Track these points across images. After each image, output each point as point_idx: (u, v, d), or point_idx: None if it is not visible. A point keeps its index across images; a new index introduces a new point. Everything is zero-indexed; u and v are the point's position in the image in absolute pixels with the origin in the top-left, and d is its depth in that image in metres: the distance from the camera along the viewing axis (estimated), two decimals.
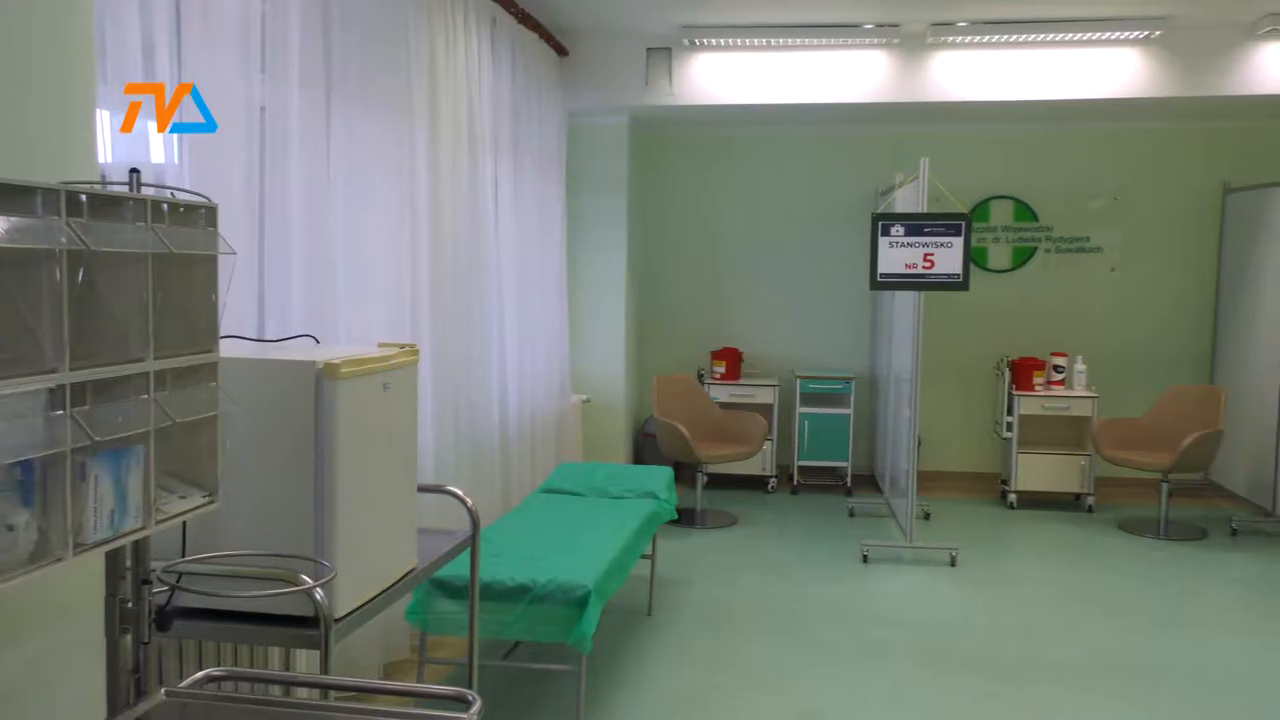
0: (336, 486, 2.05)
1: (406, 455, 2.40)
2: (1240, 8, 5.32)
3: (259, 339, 2.75)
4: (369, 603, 2.20)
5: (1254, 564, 5.43)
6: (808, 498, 6.85)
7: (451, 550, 2.64)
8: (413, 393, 2.43)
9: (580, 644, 3.26)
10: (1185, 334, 6.99)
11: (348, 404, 2.07)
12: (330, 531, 2.05)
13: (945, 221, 5.16)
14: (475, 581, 2.83)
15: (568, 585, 3.28)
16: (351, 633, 2.16)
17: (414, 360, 2.40)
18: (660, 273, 7.45)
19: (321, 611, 1.96)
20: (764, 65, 6.02)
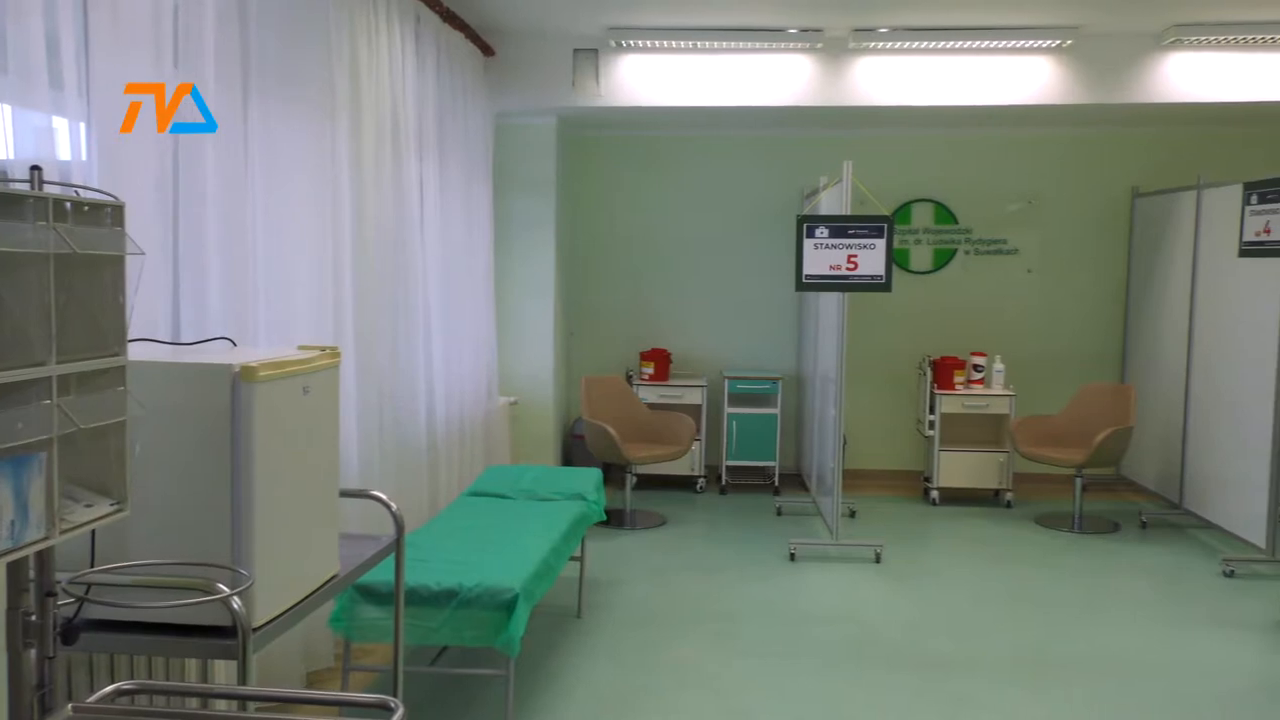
0: (254, 492, 2.00)
1: (328, 459, 2.36)
2: (1147, 19, 5.51)
3: (173, 342, 2.68)
4: (289, 611, 2.15)
5: (1163, 555, 5.63)
6: (736, 497, 6.91)
7: (375, 555, 2.60)
8: (334, 396, 2.39)
9: (508, 647, 3.23)
10: (1098, 334, 7.22)
11: (265, 408, 2.02)
12: (247, 539, 2.00)
13: (868, 224, 5.25)
14: (400, 586, 2.79)
15: (495, 589, 3.26)
16: (271, 642, 2.11)
17: (335, 363, 2.36)
18: (589, 274, 7.44)
19: (239, 620, 1.92)
20: (691, 68, 6.06)
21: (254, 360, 2.02)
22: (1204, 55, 5.89)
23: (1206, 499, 5.90)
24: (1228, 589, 5.03)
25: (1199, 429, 5.99)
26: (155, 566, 1.97)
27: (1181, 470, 6.19)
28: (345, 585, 2.46)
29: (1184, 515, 6.18)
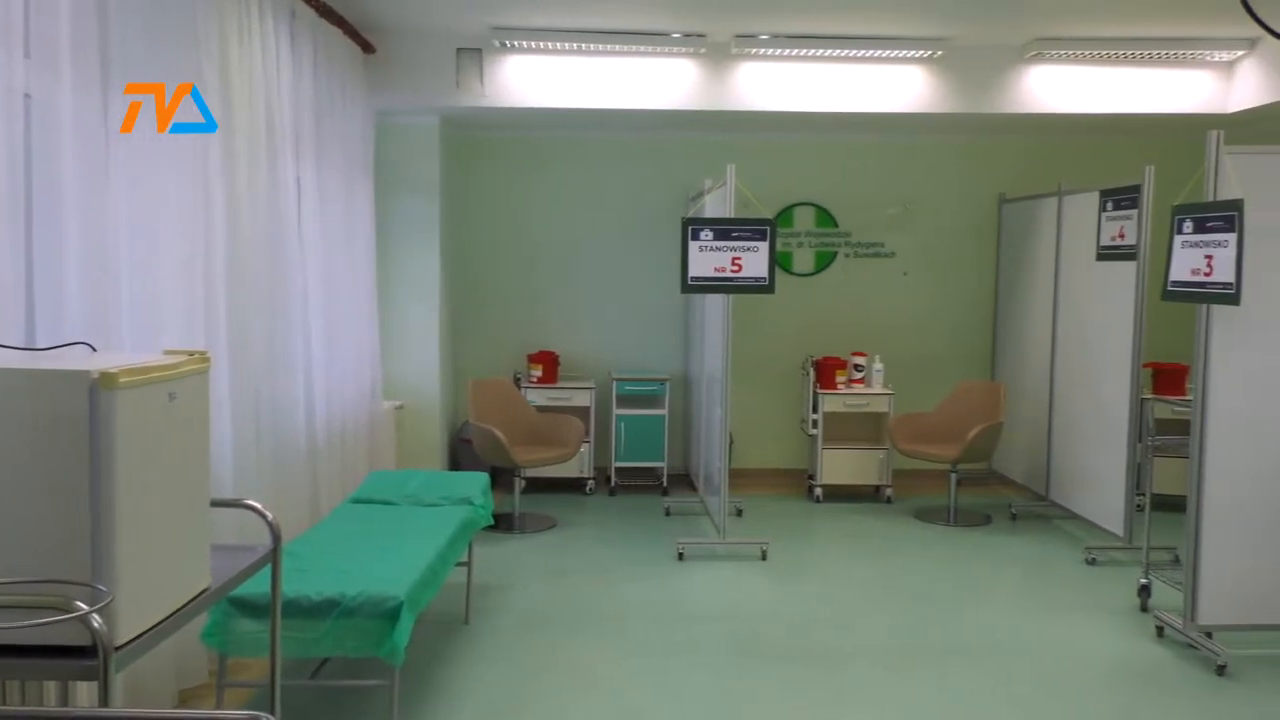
0: (115, 505, 1.91)
1: (197, 468, 2.27)
2: (1011, 32, 5.77)
3: (27, 347, 2.53)
4: (155, 627, 2.06)
5: (1031, 545, 5.89)
6: (625, 498, 6.94)
7: (250, 566, 2.52)
8: (204, 402, 2.30)
9: (393, 657, 3.17)
10: (970, 333, 7.51)
11: (127, 416, 1.93)
12: (108, 553, 1.91)
13: (751, 226, 5.34)
14: (277, 598, 2.71)
15: (378, 597, 3.19)
16: (136, 660, 2.02)
17: (204, 368, 2.27)
18: (476, 276, 7.36)
19: (99, 639, 1.82)
20: (576, 69, 6.06)
21: (114, 366, 1.92)
22: (1064, 68, 6.19)
23: (1070, 491, 6.20)
24: (1090, 576, 5.29)
25: (1063, 425, 6.29)
26: (8, 585, 1.87)
27: (1047, 464, 6.49)
28: (218, 598, 2.37)
29: (1050, 507, 6.48)
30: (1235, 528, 4.09)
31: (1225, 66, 6.20)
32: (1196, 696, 3.79)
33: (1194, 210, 4.03)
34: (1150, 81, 6.21)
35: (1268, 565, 4.11)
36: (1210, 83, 6.22)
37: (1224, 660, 3.98)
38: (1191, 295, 4.03)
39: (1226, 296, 3.83)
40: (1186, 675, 3.98)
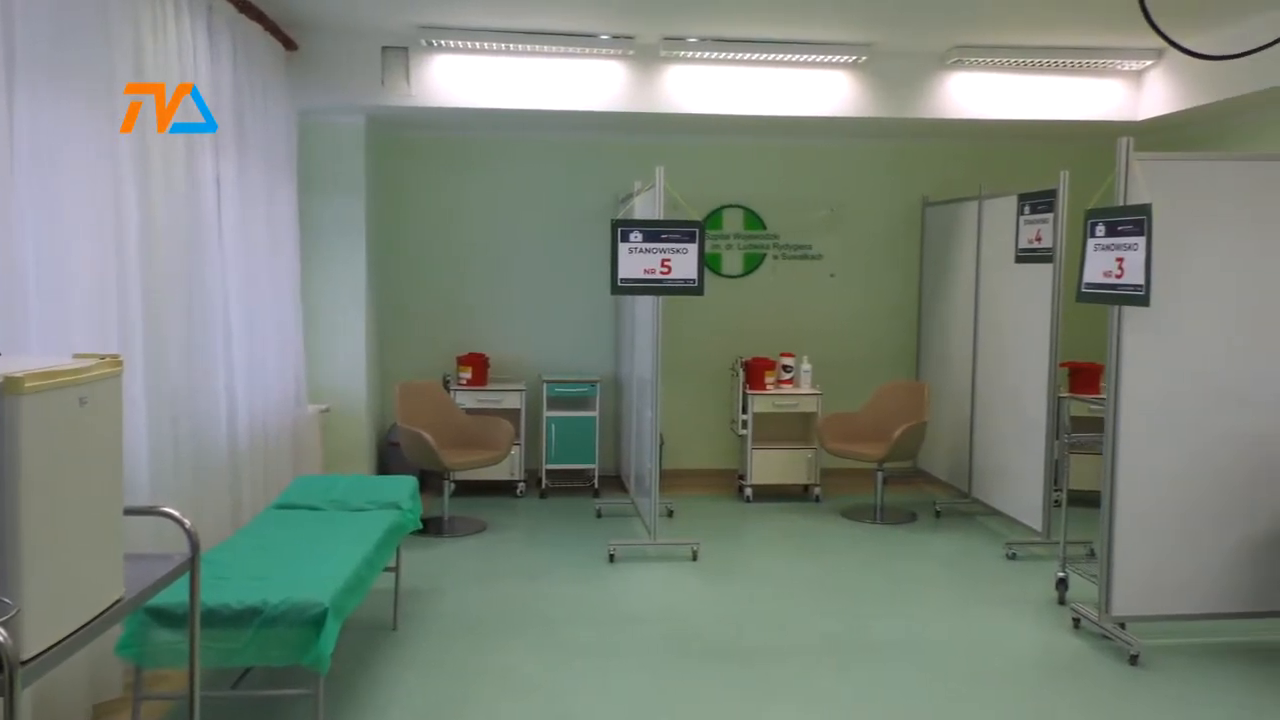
0: (20, 514, 1.84)
1: (109, 475, 2.20)
2: (932, 39, 5.90)
3: None
4: (65, 640, 1.99)
5: (954, 542, 6.02)
6: (556, 501, 6.91)
7: (167, 575, 2.45)
8: (116, 407, 2.23)
9: (317, 665, 3.12)
10: (895, 334, 7.65)
11: (34, 422, 1.87)
12: (14, 564, 1.84)
13: (681, 228, 5.37)
14: (195, 607, 2.64)
15: (302, 604, 3.13)
16: (46, 674, 1.95)
17: (117, 372, 2.21)
18: (404, 277, 7.27)
19: (4, 654, 1.76)
20: (504, 70, 6.02)
21: (19, 371, 1.86)
22: (983, 76, 6.35)
23: (991, 488, 6.35)
24: (1010, 570, 5.43)
25: (984, 423, 6.44)
26: None
27: (970, 462, 6.64)
28: (132, 609, 2.30)
29: (973, 504, 6.64)
30: (1146, 522, 4.24)
31: (1135, 76, 6.42)
32: (1110, 685, 3.91)
33: (1106, 214, 4.16)
34: (1065, 89, 6.40)
35: (1177, 558, 4.26)
36: (1121, 91, 6.43)
37: (1136, 650, 4.11)
38: (1104, 296, 4.16)
39: (1137, 298, 3.96)
40: (1101, 665, 4.11)
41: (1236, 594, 4.31)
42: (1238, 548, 4.28)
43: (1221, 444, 4.23)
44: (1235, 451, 4.24)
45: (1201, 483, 4.24)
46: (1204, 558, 4.28)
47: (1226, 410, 4.22)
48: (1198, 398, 4.21)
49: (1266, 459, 4.25)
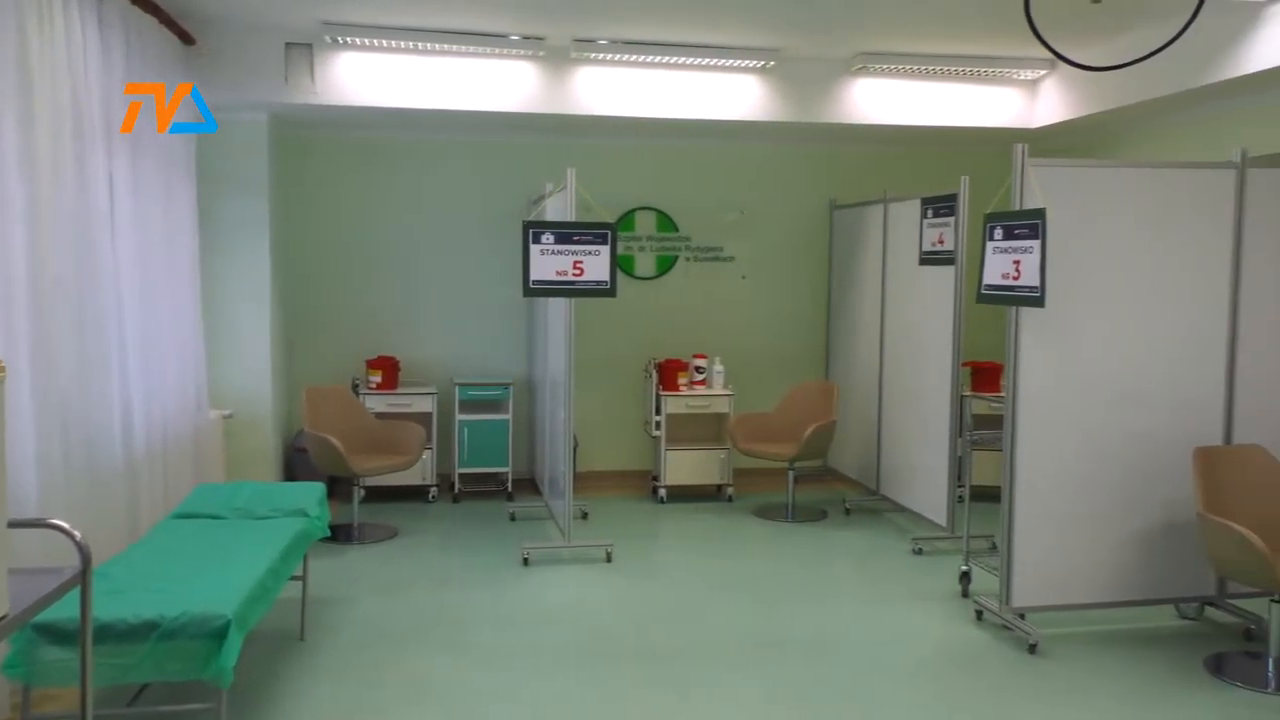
0: None
1: None
2: (837, 46, 6.01)
3: None
4: None
5: (863, 538, 6.15)
6: (470, 505, 6.84)
7: (56, 590, 2.34)
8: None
9: (219, 679, 3.02)
10: (805, 335, 7.77)
11: None
12: None
13: (592, 230, 5.36)
14: (87, 623, 2.53)
15: (203, 617, 3.04)
16: None
17: None
18: (311, 279, 7.11)
19: None
20: (412, 69, 5.94)
21: None
22: (887, 82, 6.50)
23: (898, 485, 6.50)
24: (917, 565, 5.57)
25: (891, 421, 6.59)
26: None
27: (877, 460, 6.79)
28: (18, 625, 2.19)
29: (881, 501, 6.78)
30: (1044, 516, 4.39)
31: (1030, 85, 6.64)
32: (1010, 674, 4.04)
33: (1003, 218, 4.30)
34: (965, 97, 6.60)
35: (1072, 550, 4.42)
36: (1018, 99, 6.66)
37: (1035, 640, 4.26)
38: (1002, 298, 4.30)
39: (1033, 299, 4.10)
40: (1002, 655, 4.24)
41: (1127, 583, 4.49)
42: (1128, 539, 4.46)
43: (1113, 439, 4.41)
44: (1126, 447, 4.42)
45: (1095, 477, 4.41)
46: (1097, 549, 4.45)
47: (1118, 407, 4.40)
48: (1091, 395, 4.38)
49: (1155, 454, 4.44)
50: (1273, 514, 4.23)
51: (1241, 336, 4.48)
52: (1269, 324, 4.49)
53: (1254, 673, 4.03)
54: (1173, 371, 4.44)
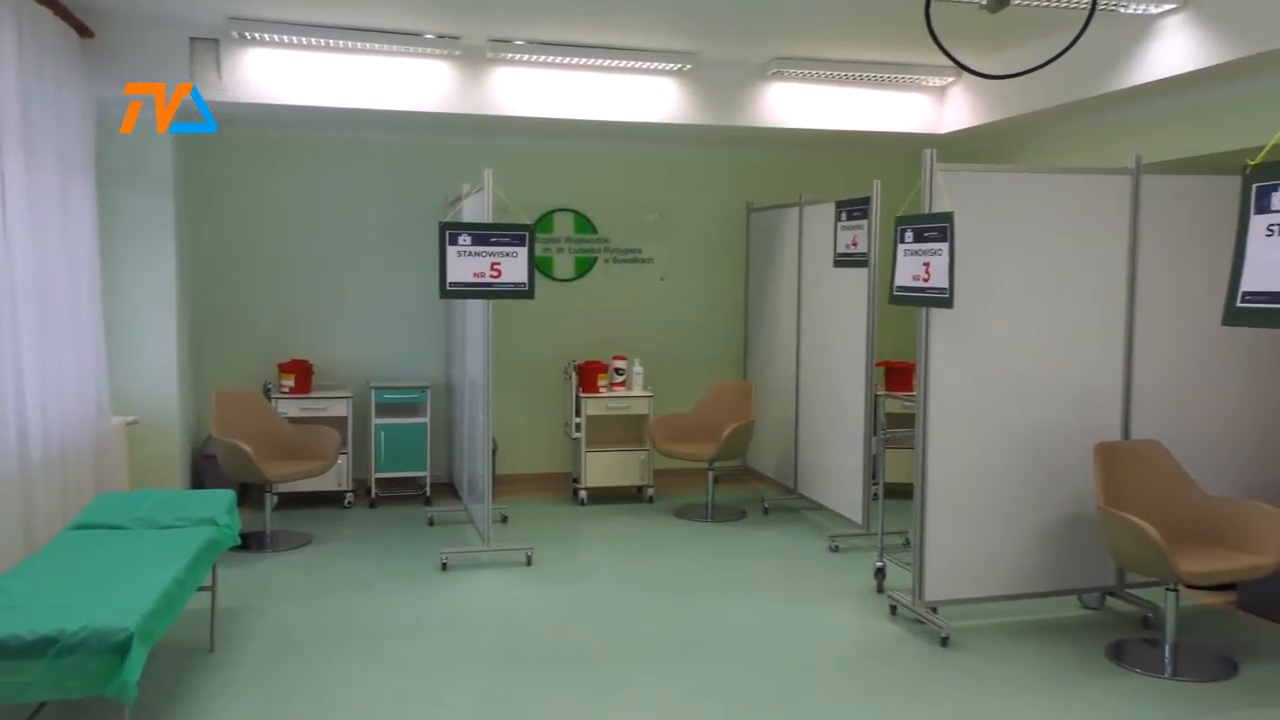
0: None
1: None
2: (752, 50, 6.08)
3: None
4: None
5: (781, 537, 6.23)
6: (387, 510, 6.73)
7: None
8: None
9: (122, 694, 2.92)
10: (723, 336, 7.84)
11: None
12: None
13: (510, 232, 5.33)
14: None
15: (104, 631, 2.93)
16: None
17: None
18: (220, 281, 6.91)
19: None
20: (324, 66, 5.82)
21: None
22: (801, 87, 6.60)
23: (815, 484, 6.60)
24: (833, 562, 5.66)
25: (808, 421, 6.69)
26: None
27: (795, 459, 6.88)
28: None
29: (799, 500, 6.88)
30: (954, 511, 4.50)
31: (939, 91, 6.82)
32: (923, 667, 4.13)
33: (913, 221, 4.40)
34: (877, 102, 6.73)
35: (982, 544, 4.55)
36: (927, 105, 6.82)
37: (946, 633, 4.36)
38: (913, 299, 4.40)
39: (942, 300, 4.21)
40: (915, 648, 4.33)
41: (1033, 575, 4.63)
42: (1034, 533, 4.61)
43: (1020, 436, 4.55)
44: (1032, 443, 4.57)
45: (1003, 473, 4.55)
46: (1005, 543, 4.58)
47: (1024, 404, 4.54)
48: (998, 393, 4.51)
49: (1059, 449, 4.59)
50: (1168, 506, 4.42)
51: (1138, 335, 4.66)
52: (1163, 323, 4.69)
53: (1151, 659, 4.19)
54: (1075, 369, 4.60)
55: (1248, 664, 4.17)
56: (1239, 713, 3.72)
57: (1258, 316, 2.51)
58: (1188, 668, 4.10)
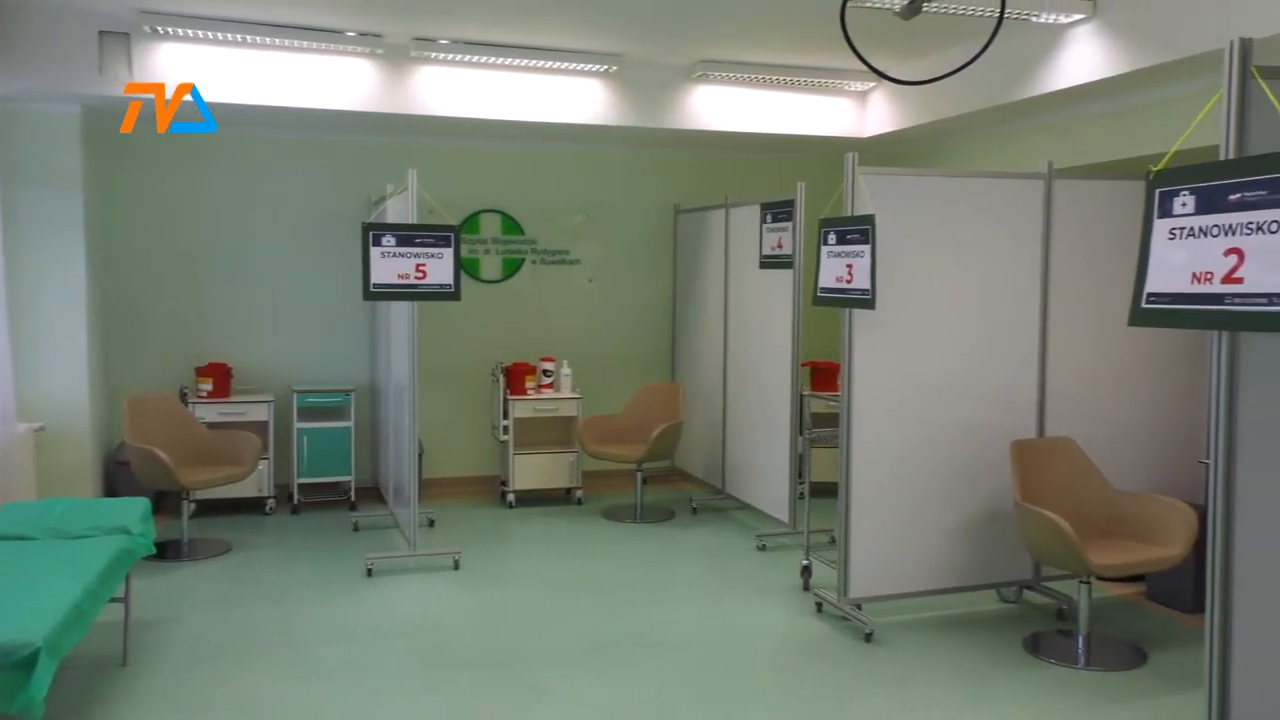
0: None
1: None
2: (678, 53, 6.11)
3: None
4: None
5: (710, 536, 6.26)
6: (310, 516, 6.60)
7: None
8: None
9: (28, 711, 2.82)
10: (652, 337, 7.86)
11: None
12: None
13: (435, 233, 5.27)
14: None
15: (9, 645, 2.82)
16: None
17: None
18: (134, 283, 6.71)
19: None
20: (241, 62, 5.69)
21: None
22: (726, 89, 6.66)
23: (743, 483, 6.66)
24: (761, 561, 5.71)
25: (735, 421, 6.74)
26: None
27: (723, 459, 6.93)
28: None
29: (727, 499, 6.93)
30: (879, 509, 4.58)
31: (860, 96, 6.94)
32: (848, 663, 4.20)
33: (836, 224, 4.47)
34: (801, 106, 6.82)
35: (905, 541, 4.64)
36: (849, 110, 6.94)
37: (871, 629, 4.44)
38: (837, 300, 4.47)
39: (864, 301, 4.28)
40: (840, 644, 4.40)
41: (954, 571, 4.74)
42: (955, 529, 4.71)
43: (942, 434, 4.65)
44: (953, 441, 4.67)
45: (925, 470, 4.64)
46: (928, 539, 4.68)
47: (944, 403, 4.64)
48: (920, 392, 4.60)
49: (980, 447, 4.70)
50: (1081, 502, 4.56)
51: (1052, 335, 4.80)
52: (1076, 324, 4.83)
53: (1066, 650, 4.32)
54: (992, 368, 4.72)
55: (1155, 653, 4.33)
56: (1148, 700, 3.86)
57: (1161, 317, 2.61)
58: (1100, 658, 4.24)
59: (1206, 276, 2.49)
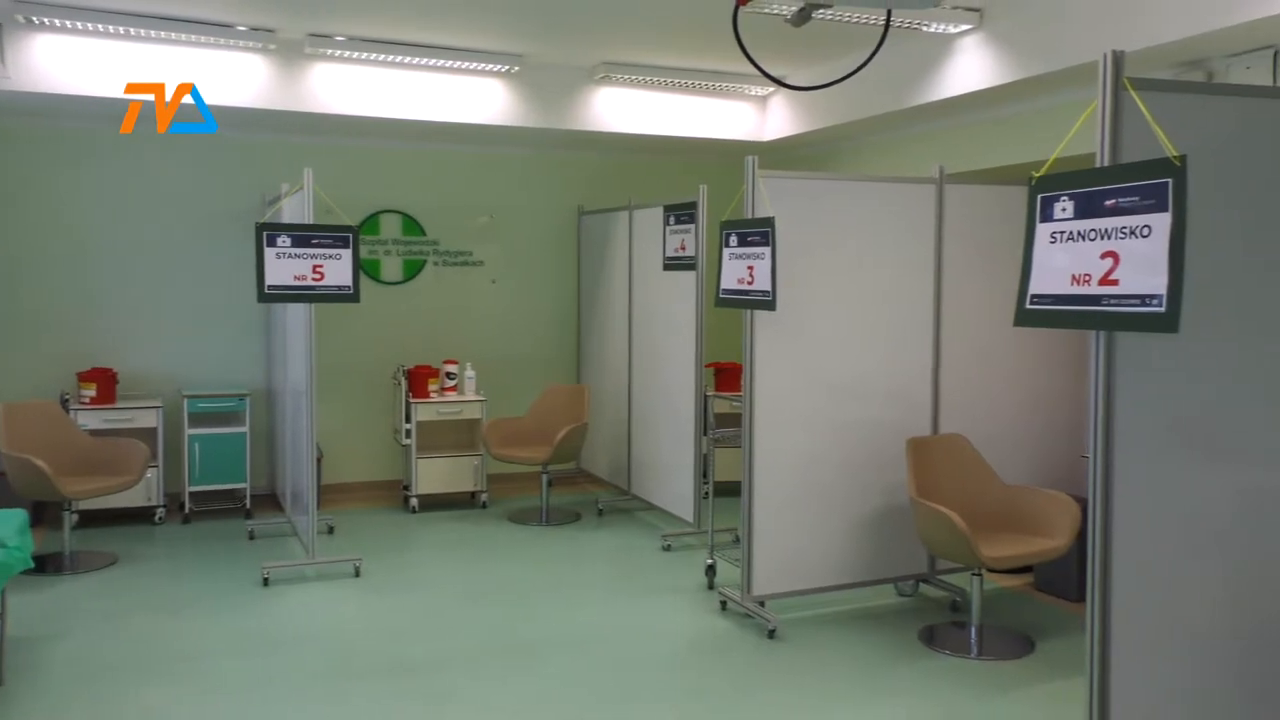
0: None
1: None
2: (580, 54, 6.11)
3: None
4: None
5: (616, 537, 6.27)
6: (203, 525, 6.39)
7: None
8: None
9: None
10: (556, 338, 7.84)
11: None
12: None
13: (333, 233, 5.16)
14: None
15: None
16: None
17: None
18: (9, 284, 6.38)
19: None
20: (124, 56, 5.47)
21: None
22: (629, 92, 6.68)
23: (648, 484, 6.69)
24: (666, 561, 5.75)
25: (640, 422, 6.77)
26: None
27: (628, 460, 6.95)
28: None
29: (632, 500, 6.95)
30: (780, 507, 4.66)
31: (761, 100, 7.04)
32: (752, 658, 4.26)
33: (737, 226, 4.53)
34: (702, 109, 6.89)
35: (806, 538, 4.72)
36: (750, 114, 7.03)
37: (774, 625, 4.51)
38: (739, 301, 4.52)
39: (765, 302, 4.35)
40: (744, 641, 4.46)
41: (853, 566, 4.85)
42: (854, 525, 4.82)
43: (841, 433, 4.75)
44: (853, 439, 4.78)
45: (825, 468, 4.73)
46: (829, 536, 4.77)
47: (842, 402, 4.74)
48: (819, 391, 4.69)
49: (875, 444, 4.82)
50: (973, 496, 4.71)
51: (944, 335, 4.95)
52: (966, 324, 5.00)
53: (959, 641, 4.46)
54: (888, 368, 4.84)
55: (1043, 641, 4.50)
56: (1037, 687, 4.01)
57: (1044, 318, 2.71)
58: (992, 647, 4.39)
59: (1085, 279, 2.61)
